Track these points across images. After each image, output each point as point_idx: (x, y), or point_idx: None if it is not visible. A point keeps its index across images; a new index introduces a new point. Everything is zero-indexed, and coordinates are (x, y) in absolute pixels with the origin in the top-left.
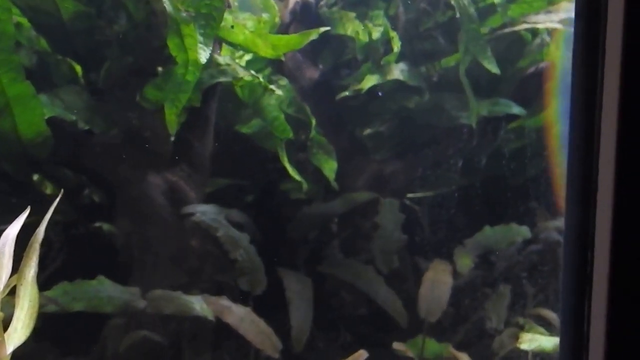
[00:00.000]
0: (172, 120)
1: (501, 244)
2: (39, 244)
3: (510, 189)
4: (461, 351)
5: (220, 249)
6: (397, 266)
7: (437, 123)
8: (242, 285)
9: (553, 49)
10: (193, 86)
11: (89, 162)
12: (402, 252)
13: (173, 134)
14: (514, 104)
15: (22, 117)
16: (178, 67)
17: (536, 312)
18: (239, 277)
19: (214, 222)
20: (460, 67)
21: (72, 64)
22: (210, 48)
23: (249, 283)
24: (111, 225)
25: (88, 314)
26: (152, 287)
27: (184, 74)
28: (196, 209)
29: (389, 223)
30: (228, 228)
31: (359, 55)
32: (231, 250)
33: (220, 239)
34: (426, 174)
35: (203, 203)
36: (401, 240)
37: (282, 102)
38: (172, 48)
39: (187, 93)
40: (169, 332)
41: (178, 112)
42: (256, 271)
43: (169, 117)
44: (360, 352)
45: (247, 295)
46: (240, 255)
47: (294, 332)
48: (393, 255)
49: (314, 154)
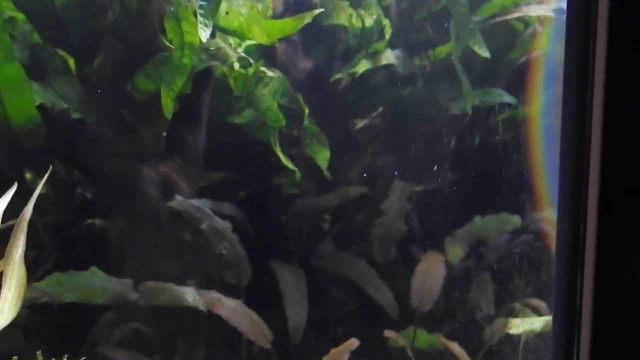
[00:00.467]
0: (168, 104)
1: (492, 233)
2: (27, 223)
3: (502, 179)
4: (452, 340)
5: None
6: (393, 257)
7: (429, 114)
8: (229, 279)
9: (545, 39)
10: (189, 70)
11: (81, 153)
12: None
13: (169, 118)
14: (505, 94)
15: (12, 101)
16: (174, 51)
17: (526, 301)
18: (225, 271)
19: (198, 213)
20: (453, 53)
21: (66, 57)
22: (211, 28)
23: (235, 276)
24: (104, 220)
25: (81, 306)
26: (144, 280)
27: (180, 57)
28: (187, 203)
29: (394, 211)
30: (212, 219)
31: (352, 42)
32: (216, 243)
33: (204, 232)
34: (419, 167)
35: (196, 197)
36: (402, 231)
37: (275, 93)
38: (169, 31)
39: (183, 76)
40: (162, 323)
41: (174, 95)
42: (241, 262)
43: (164, 100)
44: (352, 340)
45: (237, 287)
46: (225, 249)
47: (290, 325)
48: (391, 245)
49: (307, 144)
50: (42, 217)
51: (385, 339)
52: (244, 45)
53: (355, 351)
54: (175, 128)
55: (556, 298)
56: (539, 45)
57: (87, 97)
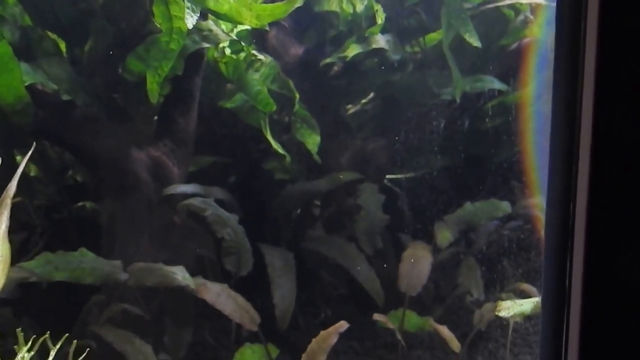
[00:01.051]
0: (154, 89)
1: (482, 219)
2: (10, 199)
3: (493, 165)
4: (441, 324)
5: (203, 226)
6: (381, 247)
7: (420, 100)
8: (228, 265)
9: (536, 26)
10: (177, 55)
11: (71, 135)
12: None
13: (154, 103)
14: (496, 80)
15: (0, 80)
16: (162, 35)
17: (516, 285)
18: (225, 257)
19: (203, 204)
20: (443, 40)
21: (56, 39)
22: (198, 14)
23: (235, 264)
24: (94, 203)
25: (72, 286)
26: (132, 261)
27: (168, 42)
28: (178, 189)
29: (371, 205)
30: (216, 208)
31: (343, 28)
32: (219, 229)
33: (207, 219)
34: (409, 152)
35: (187, 181)
36: (383, 221)
37: (266, 78)
38: (157, 15)
39: (170, 61)
40: (151, 304)
41: (160, 80)
42: (244, 252)
43: (150, 85)
44: (341, 323)
45: (228, 272)
46: (228, 234)
47: (278, 309)
48: (376, 236)
49: (297, 129)
50: (33, 199)
51: (375, 321)
52: (236, 30)
53: (344, 334)
54: (166, 111)
55: (545, 281)
56: (530, 32)
57: (77, 79)
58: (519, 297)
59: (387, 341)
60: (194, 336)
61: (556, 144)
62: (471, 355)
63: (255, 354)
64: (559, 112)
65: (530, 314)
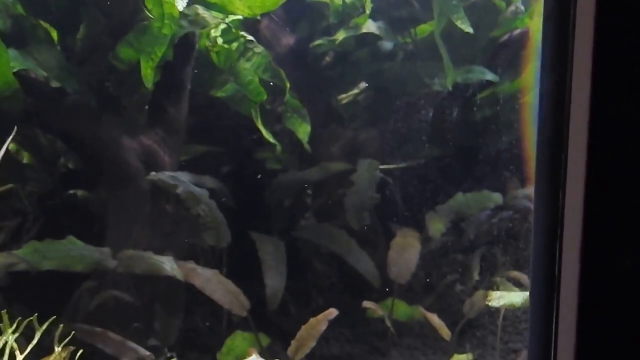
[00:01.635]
0: (148, 74)
1: (473, 209)
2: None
3: (485, 156)
4: (432, 312)
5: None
6: (368, 224)
7: (411, 91)
8: (208, 239)
9: (527, 17)
10: (168, 40)
11: (61, 122)
12: (375, 216)
13: (149, 89)
14: (487, 71)
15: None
16: (154, 21)
17: (508, 274)
18: (203, 231)
19: (173, 180)
20: (435, 28)
21: (49, 28)
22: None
23: (214, 237)
24: (86, 191)
25: (62, 274)
26: (123, 249)
27: (160, 27)
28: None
29: (364, 181)
30: (188, 185)
31: (333, 19)
32: (192, 205)
33: (180, 196)
34: (401, 142)
35: (178, 169)
36: (374, 198)
37: (258, 68)
38: (148, 1)
39: (163, 46)
40: (141, 291)
41: (154, 65)
42: (219, 225)
43: (144, 70)
44: (330, 310)
45: (217, 255)
46: (202, 210)
47: (268, 292)
48: (364, 213)
49: (288, 118)
50: (25, 186)
51: (365, 309)
52: (228, 20)
53: (336, 321)
54: (157, 99)
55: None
56: (521, 23)
57: (67, 66)
58: (511, 284)
59: (378, 329)
60: (185, 322)
61: (544, 133)
62: (461, 343)
63: (246, 341)
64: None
65: (520, 306)
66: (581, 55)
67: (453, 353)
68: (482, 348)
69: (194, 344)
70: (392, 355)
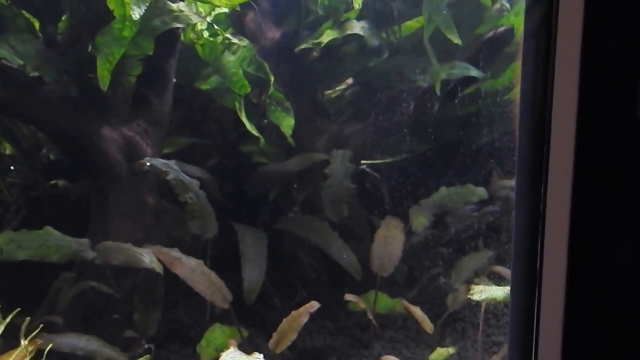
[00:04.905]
0: (104, 75)
1: (457, 203)
2: None
3: (468, 151)
4: (415, 305)
5: (176, 204)
6: (346, 216)
7: (397, 86)
8: (193, 228)
9: (512, 14)
10: (128, 42)
11: (39, 112)
12: (358, 210)
13: (105, 89)
14: (472, 67)
15: None
16: (115, 22)
17: (490, 269)
18: (189, 220)
19: (165, 167)
20: (424, 34)
21: (31, 18)
22: (146, 4)
23: (200, 227)
24: (67, 182)
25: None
26: (104, 240)
27: (120, 29)
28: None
29: (339, 173)
30: (178, 173)
31: (320, 11)
32: (181, 192)
33: (170, 183)
34: (386, 137)
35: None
36: (350, 189)
37: (243, 61)
38: (110, 2)
39: (122, 48)
40: (120, 283)
41: (111, 67)
42: (206, 215)
43: (100, 72)
44: (312, 303)
45: (201, 247)
46: (190, 198)
47: (246, 284)
48: (342, 205)
49: (272, 111)
50: (6, 177)
51: (348, 302)
52: (214, 13)
53: (319, 314)
54: (140, 91)
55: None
56: (506, 21)
57: (46, 56)
58: (493, 279)
59: (360, 321)
60: (167, 314)
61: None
62: (444, 336)
63: (225, 334)
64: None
65: (502, 300)
66: (563, 51)
67: (435, 346)
68: (464, 341)
69: (174, 336)
70: (375, 348)
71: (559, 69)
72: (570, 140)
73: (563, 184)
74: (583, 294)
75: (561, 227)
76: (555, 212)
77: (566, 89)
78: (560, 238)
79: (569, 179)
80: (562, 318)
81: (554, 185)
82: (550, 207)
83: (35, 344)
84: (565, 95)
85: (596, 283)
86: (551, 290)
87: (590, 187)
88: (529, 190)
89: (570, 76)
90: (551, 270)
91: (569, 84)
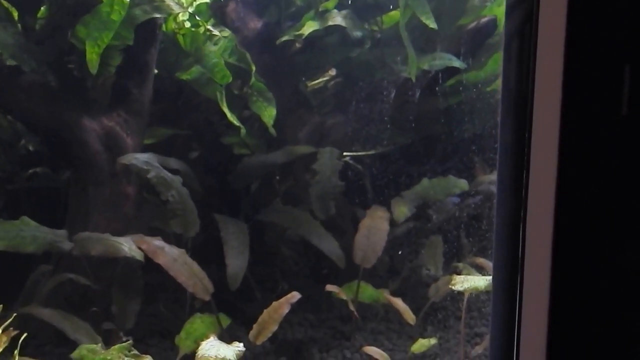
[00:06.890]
0: (93, 59)
1: (439, 195)
2: None
3: (451, 142)
4: (397, 296)
5: (156, 196)
6: (334, 213)
7: (380, 78)
8: (175, 227)
9: (495, 5)
10: (117, 26)
11: (16, 101)
12: (341, 203)
13: (94, 73)
14: (454, 58)
15: None
16: (103, 5)
17: (472, 260)
18: (171, 219)
19: (146, 165)
20: (400, 20)
21: (9, 7)
22: None
23: (181, 225)
24: (46, 173)
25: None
26: (82, 231)
27: (109, 12)
28: (133, 158)
29: (327, 170)
30: (160, 170)
31: (299, 1)
32: (163, 191)
33: (151, 181)
34: (369, 129)
35: (142, 151)
36: (338, 186)
37: (224, 51)
38: None
39: (110, 32)
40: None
41: (100, 51)
42: (189, 213)
43: (89, 55)
44: (293, 293)
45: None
46: (172, 197)
47: (228, 272)
48: (330, 202)
49: (253, 102)
50: None
51: (331, 293)
52: (195, 4)
53: (301, 305)
54: (120, 81)
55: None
56: (489, 11)
57: (25, 45)
58: (475, 270)
59: (342, 313)
60: (147, 306)
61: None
62: (426, 327)
63: (205, 324)
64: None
65: (484, 290)
66: (546, 43)
67: (417, 337)
68: (446, 332)
69: (154, 328)
70: (356, 339)
71: (541, 60)
72: (554, 134)
73: (546, 174)
74: (565, 284)
75: (544, 220)
76: (538, 203)
77: (550, 81)
78: (543, 229)
79: (552, 171)
80: (545, 308)
81: (536, 176)
82: (532, 198)
83: (8, 334)
84: (549, 88)
85: (579, 274)
86: (533, 279)
87: (574, 179)
88: (511, 182)
89: (553, 69)
90: (533, 260)
91: (552, 76)
